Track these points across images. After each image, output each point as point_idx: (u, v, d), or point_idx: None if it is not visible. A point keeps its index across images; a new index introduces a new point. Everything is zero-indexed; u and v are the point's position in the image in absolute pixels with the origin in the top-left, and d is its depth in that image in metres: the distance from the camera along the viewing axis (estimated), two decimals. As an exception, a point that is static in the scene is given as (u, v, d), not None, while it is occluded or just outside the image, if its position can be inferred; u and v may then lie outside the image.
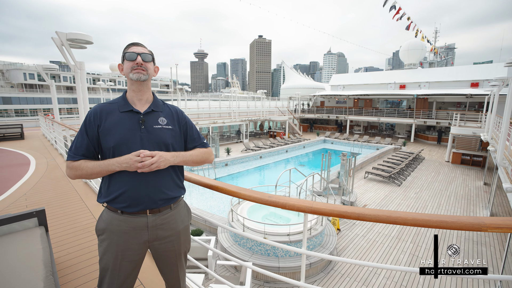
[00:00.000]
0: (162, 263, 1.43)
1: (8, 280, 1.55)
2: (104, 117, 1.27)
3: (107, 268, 1.27)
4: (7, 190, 4.72)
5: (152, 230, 1.32)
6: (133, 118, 1.29)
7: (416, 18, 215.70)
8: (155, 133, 1.31)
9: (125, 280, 1.30)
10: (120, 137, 1.25)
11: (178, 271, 1.47)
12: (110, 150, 1.25)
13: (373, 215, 1.06)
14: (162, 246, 1.37)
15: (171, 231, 1.38)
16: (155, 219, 1.32)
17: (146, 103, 1.37)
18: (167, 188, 1.35)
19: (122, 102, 1.32)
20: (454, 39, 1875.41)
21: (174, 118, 1.42)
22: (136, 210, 1.28)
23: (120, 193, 1.26)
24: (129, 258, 1.29)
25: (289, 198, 1.23)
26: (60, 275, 2.28)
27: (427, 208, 9.74)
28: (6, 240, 2.03)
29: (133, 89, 1.33)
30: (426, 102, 24.68)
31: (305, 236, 1.21)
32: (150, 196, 1.29)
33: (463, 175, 14.17)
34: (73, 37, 4.40)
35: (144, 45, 1.34)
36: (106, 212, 1.32)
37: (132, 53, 1.27)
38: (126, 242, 1.28)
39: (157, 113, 1.36)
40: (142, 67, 1.28)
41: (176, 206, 1.42)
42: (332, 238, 6.84)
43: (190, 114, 23.61)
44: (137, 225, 1.29)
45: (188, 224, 1.51)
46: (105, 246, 1.29)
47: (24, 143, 10.13)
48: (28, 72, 41.18)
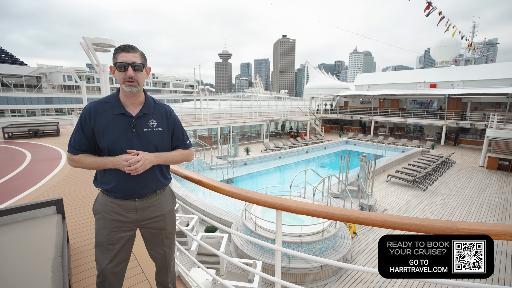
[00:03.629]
0: (150, 242, 1.61)
1: (22, 259, 1.75)
2: (98, 117, 1.38)
3: (101, 242, 1.45)
4: (40, 181, 5.22)
5: (140, 211, 1.49)
6: (125, 121, 1.40)
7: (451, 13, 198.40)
8: (145, 136, 1.44)
9: (117, 253, 1.47)
10: (113, 139, 1.38)
11: (165, 249, 1.63)
12: (105, 149, 1.40)
13: (341, 215, 1.07)
14: (149, 225, 1.54)
15: (157, 213, 1.54)
16: (142, 203, 1.49)
17: (139, 105, 1.47)
18: (154, 182, 1.51)
19: (115, 103, 1.41)
20: (497, 33, 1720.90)
21: (164, 118, 1.53)
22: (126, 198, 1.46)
23: (112, 186, 1.43)
24: (119, 234, 1.46)
25: (263, 195, 1.27)
26: (73, 258, 2.51)
27: (454, 215, 9.11)
28: (27, 224, 2.28)
29: (126, 94, 1.42)
30: (460, 103, 23.00)
31: (279, 232, 1.24)
32: (138, 190, 1.46)
33: (499, 181, 13.03)
34: (98, 42, 4.73)
35: (134, 47, 1.36)
36: (101, 195, 1.51)
37: (123, 63, 1.33)
38: (117, 221, 1.46)
39: (148, 115, 1.47)
40: (134, 78, 1.35)
41: (162, 192, 1.59)
42: (347, 241, 6.66)
43: (211, 114, 24.14)
44: (127, 207, 1.46)
45: (173, 208, 1.67)
46: (99, 224, 1.47)
47: (59, 139, 11.06)
48: (66, 75, 44.63)
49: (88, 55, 4.94)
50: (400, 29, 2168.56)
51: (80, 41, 4.93)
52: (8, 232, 2.13)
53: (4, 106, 36.39)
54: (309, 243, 6.01)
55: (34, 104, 39.22)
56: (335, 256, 6.05)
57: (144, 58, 1.42)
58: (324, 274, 5.79)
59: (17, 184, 5.04)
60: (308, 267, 5.66)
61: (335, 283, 5.71)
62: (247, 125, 25.98)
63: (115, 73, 1.38)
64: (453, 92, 22.35)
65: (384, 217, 1.05)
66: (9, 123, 15.73)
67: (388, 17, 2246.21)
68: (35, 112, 39.11)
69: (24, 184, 5.01)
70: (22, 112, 38.01)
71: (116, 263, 1.47)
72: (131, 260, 2.45)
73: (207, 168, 14.96)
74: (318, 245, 6.10)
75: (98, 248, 1.47)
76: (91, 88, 48.16)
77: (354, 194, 10.34)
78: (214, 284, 5.11)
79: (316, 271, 5.66)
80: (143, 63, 1.40)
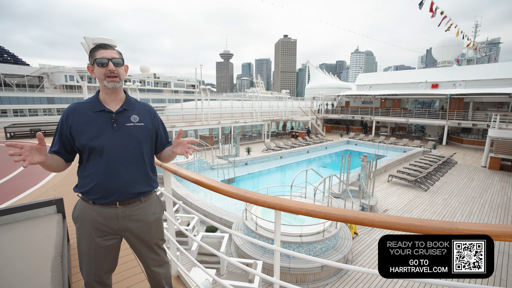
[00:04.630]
0: (136, 251, 1.52)
1: (22, 258, 1.75)
2: (77, 117, 1.33)
3: (83, 252, 1.38)
4: (41, 181, 5.24)
5: (122, 220, 1.39)
6: (105, 117, 1.36)
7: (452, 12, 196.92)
8: (127, 131, 1.37)
9: (102, 263, 1.39)
10: (92, 134, 1.32)
11: (152, 258, 1.54)
12: (84, 147, 1.33)
13: (339, 215, 1.06)
14: (132, 235, 1.44)
15: (140, 222, 1.44)
16: (124, 210, 1.39)
17: (119, 102, 1.42)
18: (137, 182, 1.41)
19: (94, 102, 1.38)
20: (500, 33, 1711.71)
21: (146, 115, 1.47)
22: (107, 202, 1.36)
23: (92, 186, 1.34)
24: (101, 244, 1.37)
25: (262, 195, 1.27)
26: (73, 258, 2.52)
27: (456, 216, 9.07)
28: (28, 224, 2.28)
29: (106, 92, 1.38)
30: (462, 102, 22.89)
31: (278, 232, 1.23)
32: (120, 189, 1.36)
33: (501, 182, 12.96)
34: (99, 42, 4.74)
35: (112, 45, 1.38)
36: (80, 202, 1.42)
37: (103, 58, 1.30)
38: (97, 230, 1.37)
39: (129, 111, 1.42)
40: (115, 73, 1.32)
41: (147, 199, 1.49)
42: (347, 241, 6.65)
43: (212, 113, 24.16)
44: (107, 215, 1.37)
45: (160, 216, 1.57)
46: (80, 232, 1.38)
47: (61, 139, 11.09)
48: (68, 74, 44.82)
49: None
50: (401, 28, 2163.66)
51: (81, 41, 4.95)
52: (9, 231, 2.14)
53: (6, 106, 36.58)
54: (310, 243, 6.00)
55: (36, 104, 39.40)
56: (336, 257, 6.04)
57: (122, 55, 1.39)
58: (325, 274, 5.78)
59: (18, 184, 5.06)
60: (308, 267, 5.65)
61: (336, 283, 5.70)
62: (248, 125, 25.98)
63: (93, 72, 1.35)
64: (455, 92, 22.25)
65: (383, 217, 1.04)
66: (11, 123, 15.83)
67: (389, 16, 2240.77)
68: (37, 112, 39.28)
69: (25, 184, 5.03)
70: (24, 112, 38.20)
71: (102, 273, 1.40)
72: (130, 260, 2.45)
73: (208, 168, 14.97)
74: (319, 245, 6.10)
75: (81, 258, 1.39)
76: (93, 88, 48.26)
77: (355, 194, 10.32)
78: (215, 284, 5.11)
79: (317, 271, 5.65)
80: (122, 59, 1.38)
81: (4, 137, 12.70)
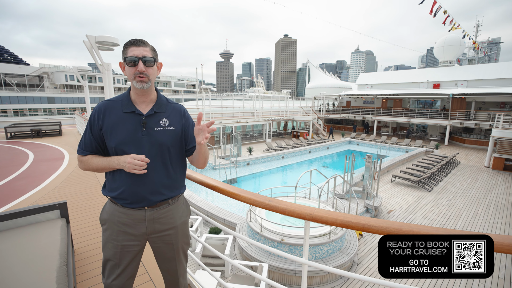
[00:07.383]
0: (160, 256, 1.47)
1: (25, 268, 1.65)
2: (107, 116, 1.29)
3: (108, 257, 1.35)
4: (43, 182, 5.13)
5: (150, 223, 1.36)
6: (135, 120, 1.30)
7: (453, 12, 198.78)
8: (156, 135, 1.31)
9: (125, 268, 1.35)
10: (121, 138, 1.28)
11: (176, 265, 1.49)
12: (112, 150, 1.30)
13: (380, 227, 0.96)
14: (159, 239, 1.41)
15: (168, 225, 1.41)
16: (152, 213, 1.36)
17: (150, 103, 1.36)
18: (166, 187, 1.37)
19: (125, 101, 1.33)
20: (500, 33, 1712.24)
21: (177, 117, 1.41)
22: (136, 207, 1.33)
23: (120, 192, 1.31)
24: (128, 248, 1.34)
25: (289, 204, 1.16)
26: (78, 265, 2.41)
27: (461, 217, 8.97)
28: (30, 230, 2.18)
29: (137, 92, 1.32)
30: (464, 102, 22.77)
31: (306, 244, 1.12)
32: (148, 196, 1.33)
33: (506, 182, 12.86)
34: (101, 40, 4.64)
35: (144, 41, 1.27)
36: (109, 204, 1.39)
37: (133, 57, 1.23)
38: (125, 233, 1.34)
39: (160, 114, 1.36)
40: (145, 74, 1.25)
41: (175, 202, 1.45)
42: (353, 243, 6.55)
43: (214, 113, 24.05)
44: (135, 217, 1.34)
45: (187, 220, 1.53)
46: (107, 235, 1.36)
47: (61, 139, 10.99)
48: (68, 74, 44.71)
49: (92, 54, 4.85)
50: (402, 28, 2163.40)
51: (83, 40, 4.84)
52: (11, 238, 2.03)
53: (7, 106, 36.48)
54: (316, 246, 5.90)
55: (37, 104, 39.31)
56: (343, 259, 5.94)
57: (155, 53, 1.32)
58: (331, 277, 5.68)
59: (20, 185, 4.95)
60: (315, 269, 5.56)
61: (342, 286, 5.60)
62: (249, 125, 25.87)
63: (124, 69, 1.28)
64: (457, 92, 22.12)
65: (429, 229, 0.94)
66: (11, 123, 15.72)
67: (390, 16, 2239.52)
68: (37, 112, 39.20)
69: (26, 185, 4.92)
70: (24, 111, 38.10)
71: (123, 278, 1.36)
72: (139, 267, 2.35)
73: (210, 168, 14.86)
74: (325, 247, 6.00)
75: (105, 261, 1.37)
76: (94, 87, 48.16)
77: (359, 195, 10.22)
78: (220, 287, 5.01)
79: (323, 274, 5.56)
80: (154, 57, 1.29)
81: (4, 137, 12.59)
